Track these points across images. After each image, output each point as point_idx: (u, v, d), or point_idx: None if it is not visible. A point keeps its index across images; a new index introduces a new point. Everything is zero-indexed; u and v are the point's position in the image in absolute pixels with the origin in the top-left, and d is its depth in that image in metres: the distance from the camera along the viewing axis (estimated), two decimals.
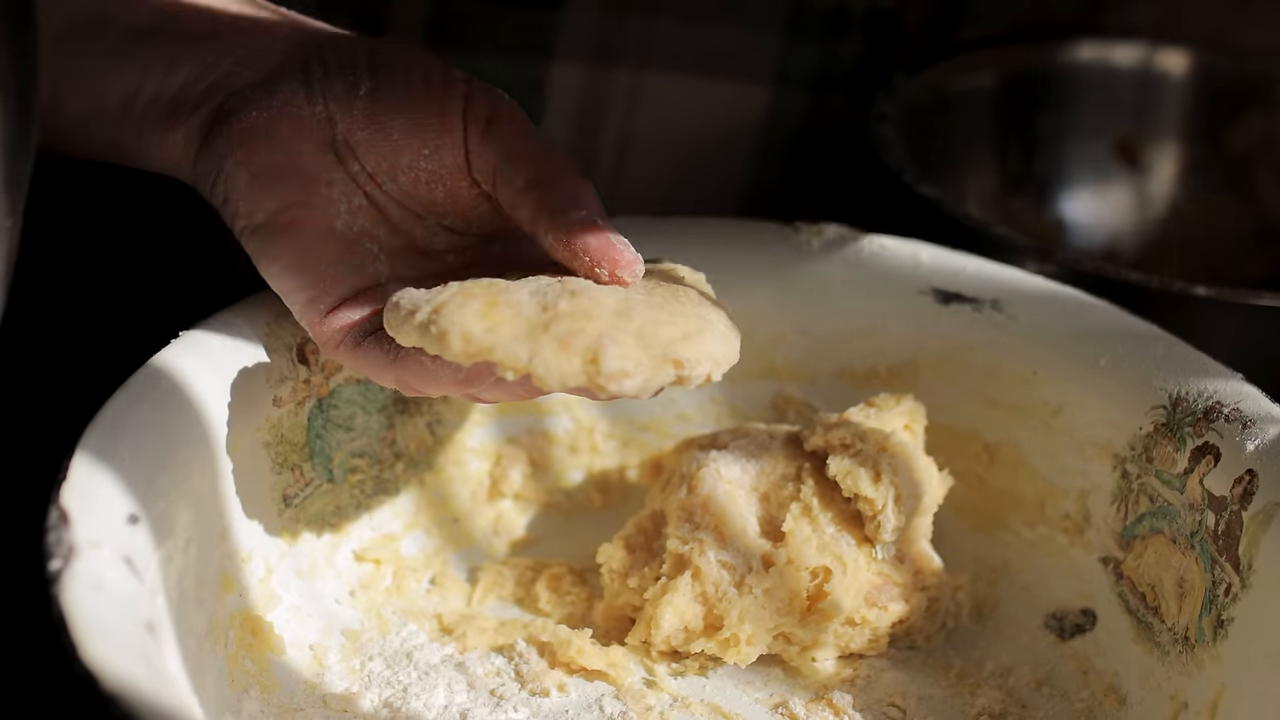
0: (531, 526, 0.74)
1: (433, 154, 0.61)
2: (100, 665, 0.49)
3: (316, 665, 0.65)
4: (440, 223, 0.63)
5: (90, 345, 0.79)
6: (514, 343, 0.54)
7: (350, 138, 0.61)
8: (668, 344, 0.55)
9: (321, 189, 0.61)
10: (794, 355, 0.74)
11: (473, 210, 0.62)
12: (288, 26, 0.63)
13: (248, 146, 0.60)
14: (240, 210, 0.61)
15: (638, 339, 0.55)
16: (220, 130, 0.61)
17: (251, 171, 0.60)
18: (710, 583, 0.66)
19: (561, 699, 0.65)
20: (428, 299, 0.57)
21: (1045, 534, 0.71)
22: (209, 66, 0.61)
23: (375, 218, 0.62)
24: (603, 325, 0.55)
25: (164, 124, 0.62)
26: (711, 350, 0.56)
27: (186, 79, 0.61)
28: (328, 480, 0.68)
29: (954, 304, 0.72)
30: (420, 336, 0.56)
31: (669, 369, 0.55)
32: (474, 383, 0.59)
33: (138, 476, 0.57)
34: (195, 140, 0.61)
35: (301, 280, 0.60)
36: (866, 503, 0.67)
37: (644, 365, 0.55)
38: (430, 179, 0.62)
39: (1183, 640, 0.64)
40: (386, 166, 0.61)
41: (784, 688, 0.67)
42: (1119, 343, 0.69)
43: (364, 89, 0.61)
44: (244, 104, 0.61)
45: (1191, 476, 0.64)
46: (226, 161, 0.60)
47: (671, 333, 0.55)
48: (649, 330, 0.55)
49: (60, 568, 0.52)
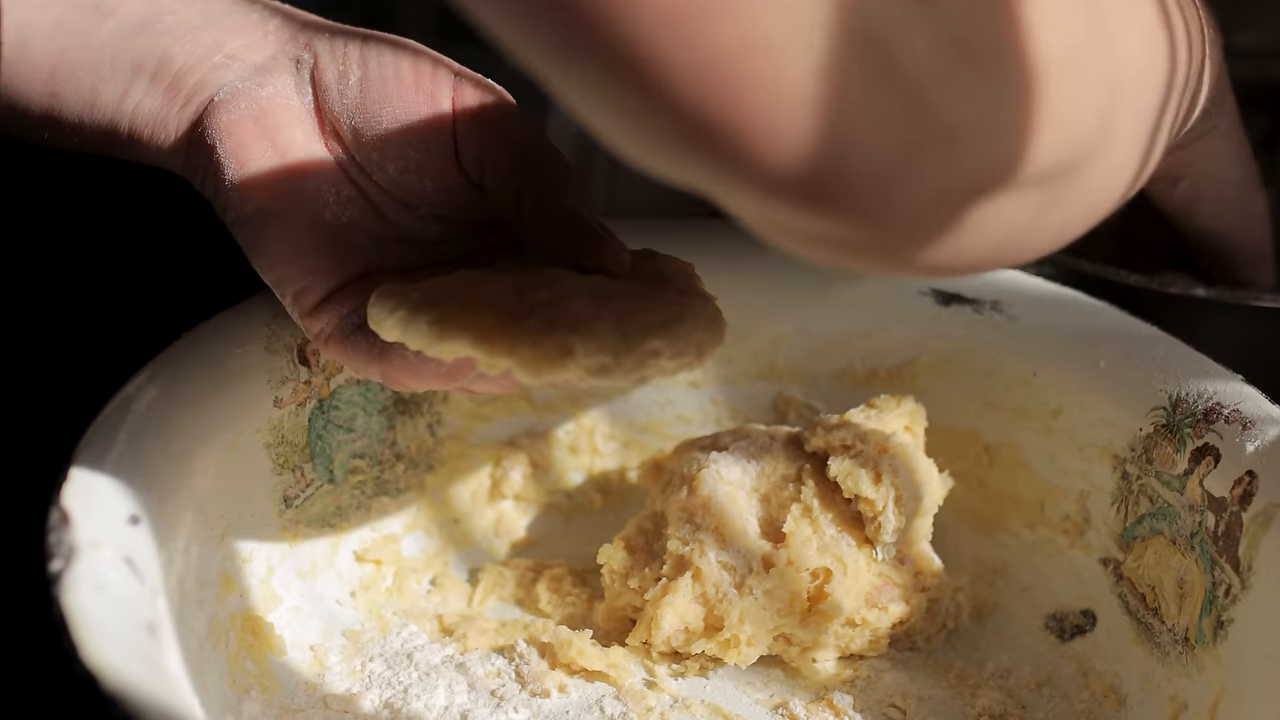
0: (532, 527, 0.74)
1: (422, 144, 0.61)
2: (101, 666, 0.49)
3: (317, 666, 0.65)
4: (430, 213, 0.63)
5: (91, 345, 0.79)
6: (490, 337, 0.54)
7: (340, 128, 0.61)
8: (647, 331, 0.54)
9: (311, 180, 0.61)
10: (794, 356, 0.74)
11: (462, 200, 0.62)
12: (279, 18, 0.63)
13: (236, 137, 0.60)
14: (230, 201, 0.61)
15: (616, 327, 0.54)
16: (210, 122, 0.61)
17: (240, 162, 0.60)
18: (711, 584, 0.66)
19: (562, 700, 0.65)
20: (408, 294, 0.56)
21: (1045, 535, 0.71)
22: (201, 59, 0.62)
23: (365, 208, 0.62)
24: (581, 314, 0.54)
25: (156, 116, 0.62)
26: (694, 337, 0.55)
27: (178, 71, 0.61)
28: (328, 481, 0.68)
29: (954, 305, 0.72)
30: (401, 332, 0.55)
31: (649, 357, 0.54)
32: (457, 377, 0.60)
33: (139, 477, 0.57)
34: (185, 132, 0.62)
35: (291, 271, 0.60)
36: (867, 504, 0.67)
37: (622, 354, 0.53)
38: (420, 169, 0.62)
39: (1183, 641, 0.64)
40: (376, 157, 0.61)
41: (784, 689, 0.67)
42: (1119, 344, 0.69)
43: (353, 79, 0.61)
44: (234, 95, 0.61)
45: (1191, 478, 0.64)
46: (215, 153, 0.60)
47: (651, 320, 0.54)
48: (628, 318, 0.54)
49: (61, 568, 0.52)
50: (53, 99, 0.62)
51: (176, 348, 0.63)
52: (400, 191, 0.62)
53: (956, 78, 0.40)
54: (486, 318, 0.54)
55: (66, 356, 0.80)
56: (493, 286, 0.56)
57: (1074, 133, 0.44)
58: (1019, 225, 0.46)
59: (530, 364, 0.53)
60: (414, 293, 0.56)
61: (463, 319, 0.54)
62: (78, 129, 0.63)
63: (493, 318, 0.54)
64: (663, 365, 0.54)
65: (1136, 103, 0.48)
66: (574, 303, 0.54)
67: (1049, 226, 0.48)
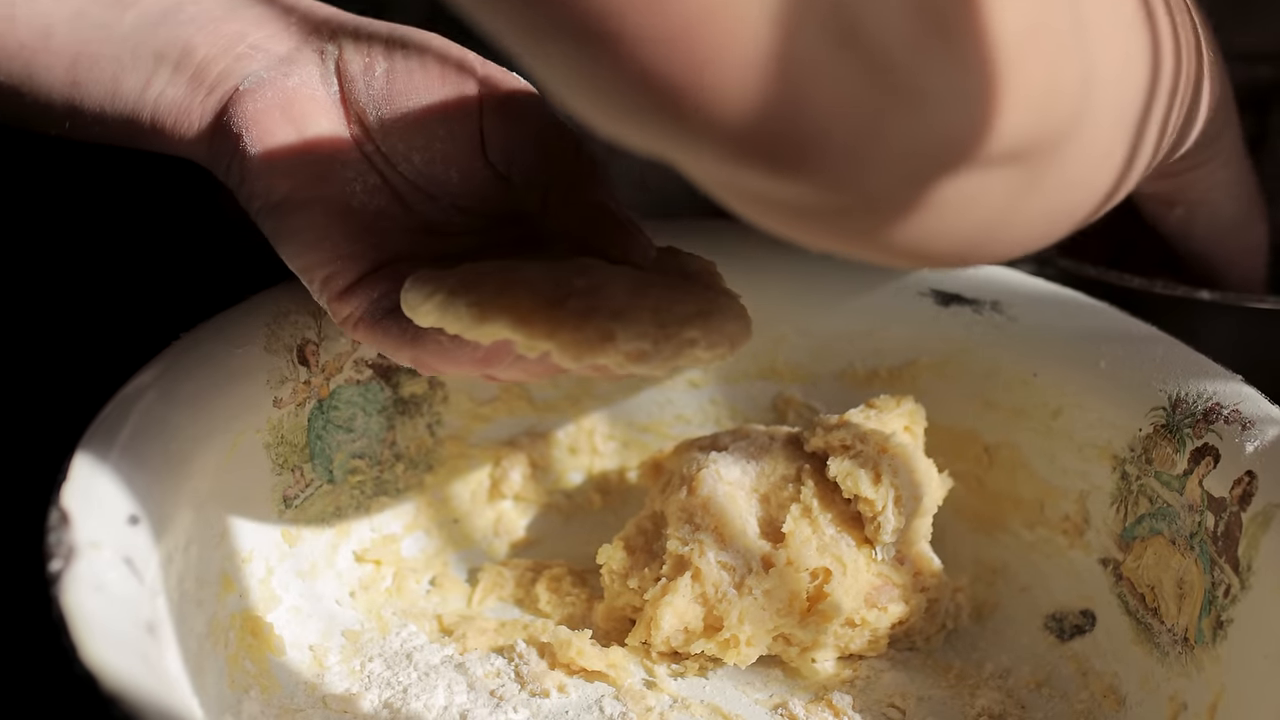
0: (531, 527, 0.74)
1: (448, 136, 0.62)
2: (101, 666, 0.49)
3: (316, 666, 0.65)
4: (454, 203, 0.63)
5: (91, 345, 0.79)
6: (532, 320, 0.54)
7: (365, 119, 0.62)
8: (684, 320, 0.55)
9: (337, 168, 0.61)
10: (794, 356, 0.74)
11: (487, 192, 0.63)
12: (302, 10, 0.64)
13: (263, 126, 0.61)
14: (256, 190, 0.61)
15: (654, 315, 0.54)
16: (236, 111, 0.61)
17: (267, 151, 0.61)
18: (710, 584, 0.66)
19: (561, 700, 0.65)
20: (445, 279, 0.57)
21: (1045, 535, 0.71)
22: (224, 49, 0.62)
23: (390, 198, 0.62)
24: (619, 301, 0.55)
25: (179, 106, 0.62)
26: (728, 328, 0.56)
27: (202, 61, 0.62)
28: (328, 481, 0.68)
29: (954, 305, 0.72)
30: (439, 316, 0.56)
31: (685, 346, 0.55)
32: (492, 362, 0.60)
33: (138, 477, 0.57)
34: (210, 122, 0.62)
35: (319, 257, 0.60)
36: (867, 504, 0.67)
37: (660, 341, 0.54)
38: (445, 160, 0.62)
39: (1182, 641, 0.64)
40: (402, 148, 0.62)
41: (784, 689, 0.67)
42: (1119, 344, 0.69)
43: (379, 70, 0.61)
44: (259, 85, 0.61)
45: (1191, 478, 0.64)
46: (242, 141, 0.61)
47: (686, 310, 0.55)
48: (664, 307, 0.55)
49: (61, 568, 0.52)
50: (74, 89, 0.62)
51: (176, 348, 0.63)
52: (425, 182, 0.62)
53: (921, 45, 0.40)
54: (525, 301, 0.54)
55: (67, 356, 0.80)
56: (529, 272, 0.56)
57: (1041, 114, 0.44)
58: (993, 209, 0.46)
59: (571, 347, 0.54)
60: (450, 278, 0.56)
61: (501, 301, 0.55)
62: (99, 119, 0.63)
63: (531, 301, 0.54)
64: (698, 355, 0.55)
65: (1116, 99, 0.48)
66: (612, 289, 0.55)
67: (1026, 215, 0.48)
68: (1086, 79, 0.46)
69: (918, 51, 0.40)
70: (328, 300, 0.61)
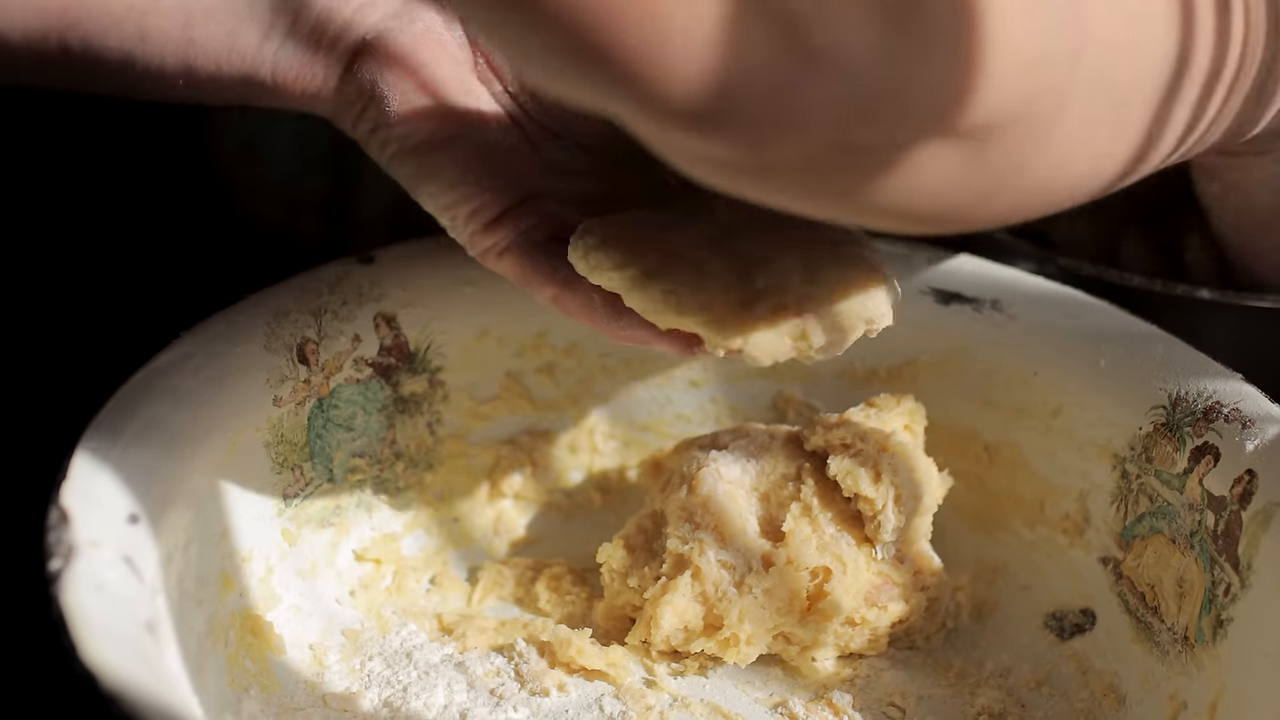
0: (531, 526, 0.74)
1: None
2: (100, 665, 0.49)
3: (316, 665, 0.65)
4: (578, 142, 0.65)
5: (90, 345, 0.79)
6: (726, 321, 0.57)
7: (491, 60, 0.64)
8: (860, 308, 0.58)
9: (471, 109, 0.63)
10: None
11: (612, 132, 0.63)
12: None
13: (396, 72, 0.62)
14: (394, 134, 0.62)
15: (835, 308, 0.58)
16: (365, 60, 0.62)
17: (402, 96, 0.62)
18: (710, 582, 0.66)
19: (561, 699, 0.65)
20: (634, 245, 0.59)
21: (1045, 534, 0.71)
22: (344, 1, 0.63)
23: (520, 136, 0.64)
24: (799, 296, 0.58)
25: (301, 61, 0.63)
26: (882, 309, 0.59)
27: (320, 13, 0.63)
28: (328, 480, 0.68)
29: (954, 304, 0.72)
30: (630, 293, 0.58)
31: (853, 336, 0.59)
32: (630, 329, 0.61)
33: (138, 476, 0.57)
34: (336, 72, 0.63)
35: (465, 192, 0.62)
36: (867, 503, 0.67)
37: (845, 333, 0.58)
38: None
39: (1182, 640, 0.64)
40: (529, 86, 0.64)
41: (784, 687, 0.67)
42: (1119, 343, 0.69)
43: None
44: (387, 33, 0.63)
45: (1191, 476, 0.64)
46: (376, 88, 0.62)
47: (856, 292, 0.58)
48: (839, 294, 0.58)
49: (60, 567, 0.52)
50: (188, 46, 0.63)
51: (177, 347, 0.63)
52: (550, 121, 0.64)
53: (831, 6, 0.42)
54: (719, 300, 0.57)
55: (66, 356, 0.80)
56: (712, 264, 0.58)
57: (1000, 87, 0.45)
58: (947, 175, 0.47)
59: (768, 353, 0.58)
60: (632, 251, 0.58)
61: (698, 299, 0.57)
62: (214, 77, 0.63)
63: (725, 301, 0.57)
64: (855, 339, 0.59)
65: (1096, 74, 0.48)
66: (790, 280, 0.58)
67: (985, 183, 0.48)
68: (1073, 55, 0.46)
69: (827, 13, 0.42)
70: (472, 233, 0.62)
